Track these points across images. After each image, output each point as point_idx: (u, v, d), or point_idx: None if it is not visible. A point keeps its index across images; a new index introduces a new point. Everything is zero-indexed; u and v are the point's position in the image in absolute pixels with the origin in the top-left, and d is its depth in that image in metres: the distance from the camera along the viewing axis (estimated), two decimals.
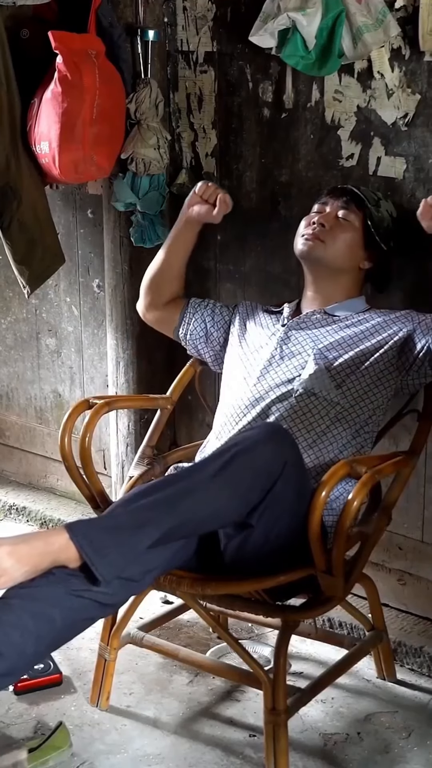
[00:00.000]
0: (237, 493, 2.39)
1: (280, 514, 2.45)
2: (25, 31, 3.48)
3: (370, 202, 2.84)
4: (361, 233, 2.84)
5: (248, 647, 2.87)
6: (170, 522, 2.35)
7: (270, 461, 2.41)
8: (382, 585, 3.07)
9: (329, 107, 3.04)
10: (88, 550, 2.28)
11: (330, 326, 2.85)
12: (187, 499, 2.37)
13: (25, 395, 4.14)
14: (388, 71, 2.90)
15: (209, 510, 2.40)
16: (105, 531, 2.33)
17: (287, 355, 2.83)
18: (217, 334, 3.05)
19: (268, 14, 2.91)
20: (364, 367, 2.74)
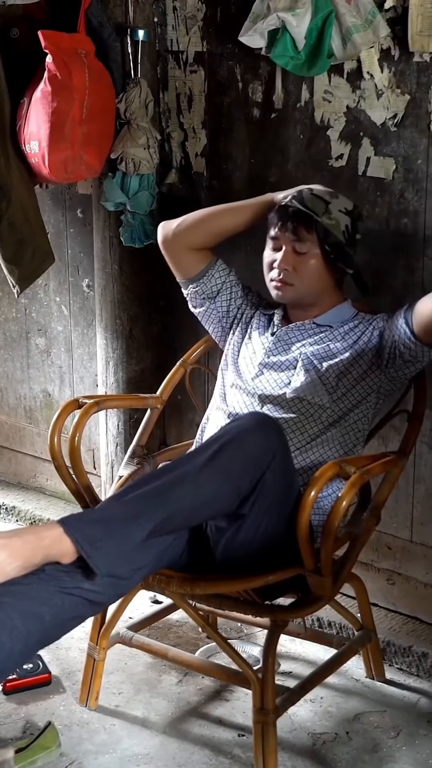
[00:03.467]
0: (227, 482, 2.40)
1: (269, 506, 2.46)
2: (14, 31, 3.47)
3: (318, 214, 2.70)
4: (322, 254, 2.74)
5: (237, 647, 2.88)
6: (163, 512, 2.35)
7: (259, 450, 2.42)
8: (371, 584, 3.07)
9: (319, 107, 3.05)
10: (83, 542, 2.27)
11: (318, 335, 2.82)
12: (177, 489, 2.37)
13: (14, 395, 4.14)
14: (377, 72, 2.90)
15: (201, 499, 2.39)
16: (98, 523, 2.33)
17: (277, 365, 2.82)
18: (225, 306, 2.99)
19: (257, 14, 2.91)
20: (352, 373, 2.74)
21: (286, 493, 2.50)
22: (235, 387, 2.86)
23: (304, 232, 2.71)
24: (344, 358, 2.75)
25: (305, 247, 2.72)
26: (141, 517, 2.33)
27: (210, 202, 3.35)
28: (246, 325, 2.97)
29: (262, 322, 2.95)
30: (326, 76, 2.99)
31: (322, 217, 2.70)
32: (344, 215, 2.74)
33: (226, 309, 2.98)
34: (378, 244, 3.02)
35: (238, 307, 2.98)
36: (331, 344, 2.80)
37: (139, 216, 3.36)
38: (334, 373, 2.74)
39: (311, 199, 2.73)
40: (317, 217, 2.70)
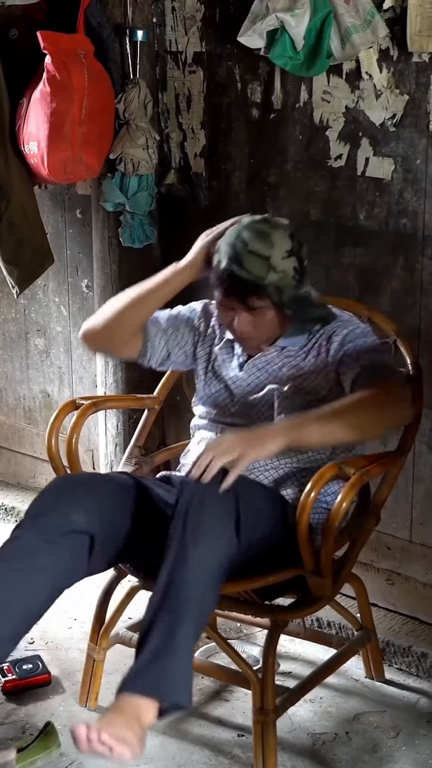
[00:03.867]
0: (217, 542, 2.33)
1: (255, 524, 2.43)
2: (13, 31, 3.48)
3: (263, 277, 2.51)
4: (275, 307, 2.59)
5: (237, 647, 2.87)
6: (194, 614, 2.29)
7: (221, 504, 2.35)
8: (371, 585, 3.07)
9: (318, 108, 3.05)
10: (168, 698, 2.24)
11: (285, 358, 2.69)
12: (183, 588, 2.28)
13: (13, 395, 4.14)
14: (376, 72, 2.90)
15: (207, 570, 2.31)
16: (154, 668, 2.25)
17: (252, 404, 2.71)
18: (182, 357, 2.85)
19: (256, 15, 2.91)
20: (326, 382, 2.64)
21: (269, 507, 2.50)
22: (213, 423, 2.78)
23: (254, 299, 2.55)
24: (316, 372, 2.65)
25: (257, 307, 2.57)
26: (180, 639, 2.26)
27: (209, 202, 3.36)
28: (208, 364, 2.83)
29: (224, 353, 2.80)
30: (325, 76, 3.00)
31: (268, 278, 2.51)
32: (288, 260, 2.53)
33: (184, 359, 2.85)
34: (377, 244, 3.02)
35: (194, 354, 2.84)
36: (300, 362, 2.68)
37: (138, 216, 3.37)
38: (313, 391, 2.65)
39: (252, 263, 2.50)
40: (263, 281, 2.51)
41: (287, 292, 2.54)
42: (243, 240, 2.52)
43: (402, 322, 2.92)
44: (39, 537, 2.44)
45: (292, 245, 2.54)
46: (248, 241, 2.51)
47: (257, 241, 2.51)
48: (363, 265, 3.06)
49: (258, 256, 2.51)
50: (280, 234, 2.53)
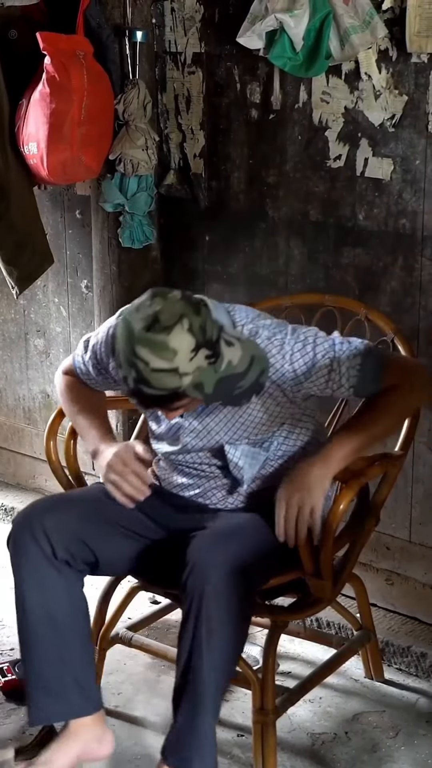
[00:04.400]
0: (232, 635, 2.37)
1: (261, 553, 2.46)
2: (13, 32, 3.48)
3: (175, 387, 2.25)
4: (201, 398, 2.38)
5: None
6: (213, 699, 2.36)
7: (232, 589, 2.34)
8: (370, 585, 3.07)
9: (317, 108, 3.05)
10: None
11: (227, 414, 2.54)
12: (200, 684, 2.34)
13: (13, 396, 4.14)
14: (375, 72, 2.91)
15: (223, 661, 2.37)
16: (182, 747, 2.36)
17: (196, 453, 2.60)
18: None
19: (255, 15, 2.91)
20: (276, 415, 2.53)
21: (252, 534, 2.50)
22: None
23: (176, 402, 2.33)
24: (261, 411, 2.52)
25: (184, 405, 2.38)
26: (202, 725, 2.35)
27: (208, 202, 3.36)
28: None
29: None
30: (324, 77, 3.00)
31: (183, 385, 2.26)
32: (197, 356, 2.25)
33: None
34: (376, 244, 3.02)
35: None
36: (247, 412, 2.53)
37: (137, 217, 3.37)
38: (262, 430, 2.54)
39: (160, 380, 2.25)
40: (179, 389, 2.27)
41: (208, 382, 2.29)
42: (142, 359, 2.23)
43: (401, 322, 2.92)
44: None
45: (195, 338, 2.24)
46: (148, 360, 2.23)
47: (157, 356, 2.22)
48: (362, 265, 3.07)
49: (164, 371, 2.23)
50: (177, 334, 2.22)
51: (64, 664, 2.49)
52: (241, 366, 2.33)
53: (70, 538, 2.50)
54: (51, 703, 2.49)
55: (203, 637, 2.32)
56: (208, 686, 2.34)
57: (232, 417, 2.52)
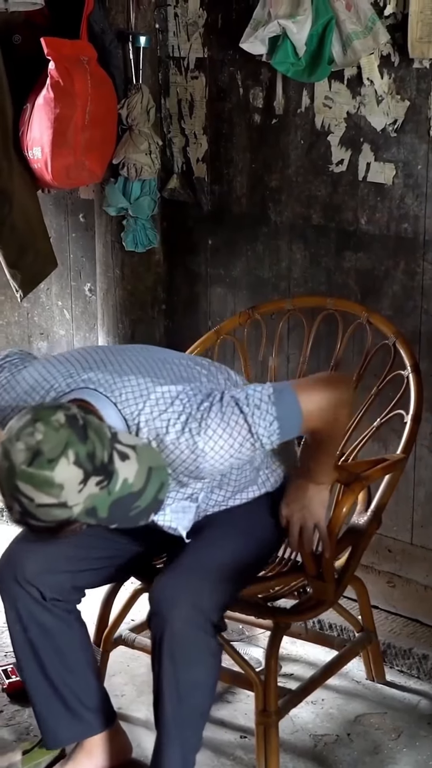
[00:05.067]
0: (202, 665, 2.39)
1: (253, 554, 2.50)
2: (17, 37, 3.49)
3: (67, 520, 2.07)
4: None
5: (239, 649, 2.88)
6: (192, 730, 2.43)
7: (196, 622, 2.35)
8: (372, 587, 3.08)
9: (319, 113, 3.06)
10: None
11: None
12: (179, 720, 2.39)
13: None
14: (377, 78, 2.92)
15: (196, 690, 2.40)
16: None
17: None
18: None
19: (258, 21, 2.93)
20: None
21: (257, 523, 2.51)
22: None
23: (69, 529, 2.12)
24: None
25: (81, 528, 2.16)
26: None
27: (211, 206, 3.38)
28: None
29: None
30: (326, 82, 3.01)
31: (75, 514, 2.06)
32: (87, 485, 2.03)
33: None
34: (378, 248, 3.04)
35: None
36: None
37: (140, 221, 3.39)
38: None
39: (47, 514, 2.04)
40: (71, 520, 2.07)
41: (102, 507, 2.08)
42: (26, 496, 2.01)
43: (403, 326, 2.94)
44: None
45: (83, 469, 2.02)
46: (33, 497, 2.01)
47: (42, 493, 2.01)
48: (364, 268, 3.08)
49: (51, 506, 2.03)
50: (63, 468, 2.00)
51: (71, 690, 2.52)
52: (138, 482, 2.10)
53: (55, 578, 2.48)
54: (64, 726, 2.53)
55: (171, 685, 2.35)
56: (180, 728, 2.38)
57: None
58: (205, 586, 2.35)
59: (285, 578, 2.61)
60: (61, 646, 2.51)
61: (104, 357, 2.34)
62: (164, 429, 2.21)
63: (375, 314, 2.89)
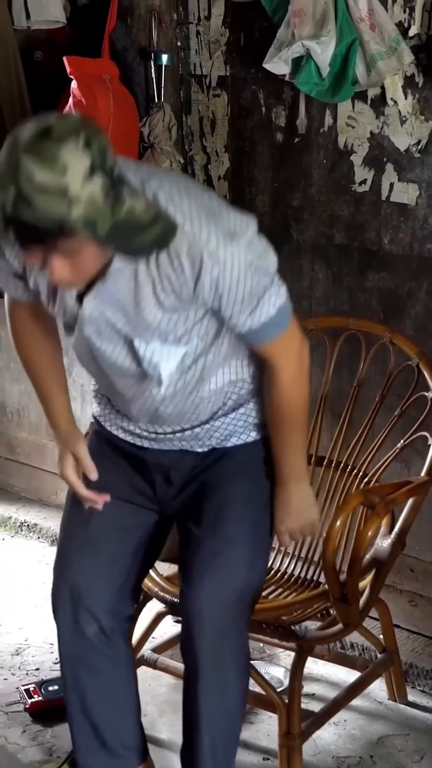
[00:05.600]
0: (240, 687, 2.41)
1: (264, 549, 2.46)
2: (38, 53, 3.51)
3: (59, 215, 1.85)
4: (93, 242, 1.95)
5: (260, 668, 2.89)
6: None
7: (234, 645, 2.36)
8: (394, 606, 3.08)
9: (342, 133, 3.06)
10: None
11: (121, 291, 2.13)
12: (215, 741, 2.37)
13: (36, 412, 4.16)
14: (401, 98, 2.92)
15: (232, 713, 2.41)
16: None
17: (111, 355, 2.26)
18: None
19: (282, 41, 2.92)
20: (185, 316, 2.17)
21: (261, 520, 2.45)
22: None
23: (63, 242, 1.92)
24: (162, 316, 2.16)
25: (69, 251, 1.95)
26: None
27: None
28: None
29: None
30: (350, 101, 3.01)
31: (72, 215, 1.85)
32: (91, 181, 1.86)
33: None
34: (401, 268, 3.03)
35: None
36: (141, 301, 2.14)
37: None
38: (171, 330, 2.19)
39: (44, 202, 1.84)
40: (68, 219, 1.86)
41: (103, 222, 1.89)
42: (25, 171, 1.83)
43: (426, 346, 2.92)
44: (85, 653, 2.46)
45: (92, 157, 1.87)
46: (32, 173, 1.83)
47: (43, 168, 1.82)
48: (387, 288, 3.08)
49: (50, 192, 1.83)
50: (71, 149, 1.84)
51: (112, 728, 2.50)
52: (145, 217, 1.93)
53: (111, 601, 2.44)
54: (100, 762, 2.51)
55: (207, 713, 2.34)
56: (217, 754, 2.37)
57: (132, 315, 2.15)
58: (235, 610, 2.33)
59: (309, 602, 2.60)
60: (109, 685, 2.48)
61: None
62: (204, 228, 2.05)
63: (398, 335, 2.89)
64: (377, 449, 2.86)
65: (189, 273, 2.06)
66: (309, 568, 2.92)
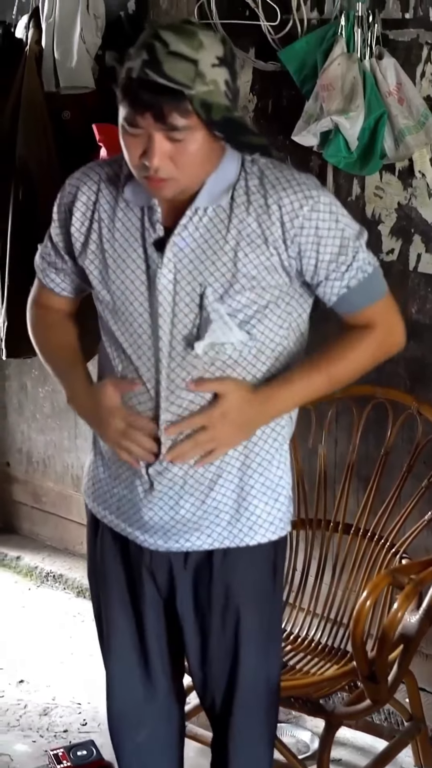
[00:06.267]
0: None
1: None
2: (66, 113, 3.55)
3: (190, 84, 1.88)
4: (205, 132, 1.96)
5: (287, 731, 2.91)
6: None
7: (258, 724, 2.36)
8: (419, 670, 3.09)
9: (370, 202, 3.08)
10: None
11: (212, 231, 2.06)
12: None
13: (61, 463, 4.19)
14: (429, 171, 2.93)
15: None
16: None
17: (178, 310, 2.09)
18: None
19: (311, 114, 2.94)
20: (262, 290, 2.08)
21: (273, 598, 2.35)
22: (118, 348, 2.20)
23: (176, 116, 1.91)
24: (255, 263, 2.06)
25: (181, 134, 1.93)
26: None
27: None
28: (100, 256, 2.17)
29: (123, 235, 2.12)
30: (378, 172, 3.02)
31: (195, 88, 1.90)
32: (219, 69, 1.93)
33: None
34: (429, 338, 3.05)
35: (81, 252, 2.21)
36: (226, 242, 2.05)
37: None
38: (242, 294, 2.07)
39: (174, 66, 1.88)
40: (189, 91, 1.89)
41: (218, 110, 1.93)
42: (162, 39, 1.89)
43: None
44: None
45: (225, 51, 1.95)
46: (169, 41, 1.89)
47: (181, 40, 1.90)
48: (413, 357, 3.09)
49: (183, 58, 1.89)
50: (209, 36, 1.94)
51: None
52: (253, 126, 2.08)
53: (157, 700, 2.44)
54: None
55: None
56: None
57: (218, 256, 2.05)
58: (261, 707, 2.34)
59: (337, 679, 2.62)
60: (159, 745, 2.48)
61: None
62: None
63: (425, 404, 2.91)
64: (405, 518, 2.88)
65: (277, 216, 2.04)
66: (335, 634, 2.94)
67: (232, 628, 2.24)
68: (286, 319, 2.15)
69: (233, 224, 2.05)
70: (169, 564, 2.24)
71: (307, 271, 2.10)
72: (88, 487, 2.35)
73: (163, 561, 2.24)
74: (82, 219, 2.18)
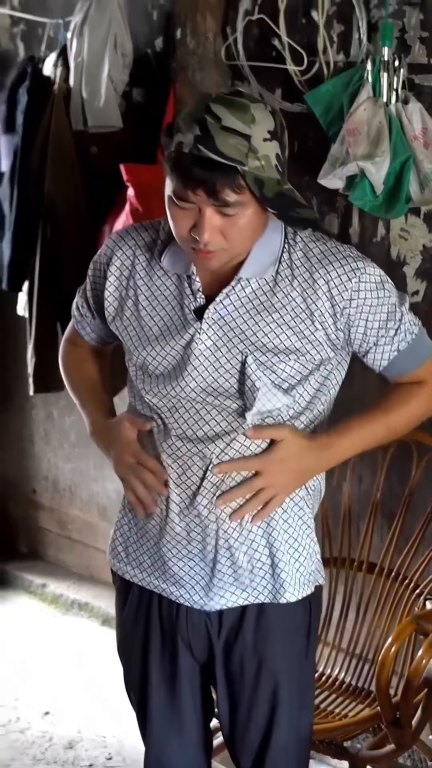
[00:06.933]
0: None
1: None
2: (93, 148, 3.58)
3: (243, 161, 1.89)
4: (256, 206, 1.97)
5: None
6: None
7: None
8: None
9: (395, 244, 3.10)
10: None
11: (254, 301, 2.07)
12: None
13: (87, 491, 4.22)
14: None
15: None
16: None
17: (215, 372, 2.08)
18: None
19: (336, 158, 2.96)
20: (305, 358, 2.09)
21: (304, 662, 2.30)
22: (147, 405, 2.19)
23: (229, 192, 1.91)
24: (294, 330, 2.07)
25: (233, 209, 1.94)
26: None
27: None
28: (133, 292, 2.18)
29: (172, 294, 2.13)
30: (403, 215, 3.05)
31: (248, 164, 1.90)
32: (271, 143, 1.94)
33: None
34: None
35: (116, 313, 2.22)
36: (273, 304, 2.07)
37: None
38: (286, 363, 2.07)
39: (227, 142, 1.88)
40: (242, 167, 1.90)
41: (270, 186, 1.94)
42: (214, 114, 1.90)
43: None
44: None
45: (275, 125, 1.97)
46: (221, 116, 1.90)
47: (233, 115, 1.90)
48: None
49: (235, 133, 1.89)
50: (260, 109, 1.94)
51: None
52: (302, 199, 2.03)
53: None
54: None
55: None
56: None
57: (259, 327, 2.06)
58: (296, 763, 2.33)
59: (362, 723, 2.63)
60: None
61: None
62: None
63: None
64: (430, 560, 2.89)
65: (324, 290, 2.06)
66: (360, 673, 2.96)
67: (267, 694, 2.22)
68: (324, 383, 2.17)
69: (277, 297, 2.07)
70: (205, 628, 2.20)
71: (355, 340, 2.13)
72: (114, 548, 2.35)
73: (200, 622, 2.20)
74: (117, 284, 2.20)
